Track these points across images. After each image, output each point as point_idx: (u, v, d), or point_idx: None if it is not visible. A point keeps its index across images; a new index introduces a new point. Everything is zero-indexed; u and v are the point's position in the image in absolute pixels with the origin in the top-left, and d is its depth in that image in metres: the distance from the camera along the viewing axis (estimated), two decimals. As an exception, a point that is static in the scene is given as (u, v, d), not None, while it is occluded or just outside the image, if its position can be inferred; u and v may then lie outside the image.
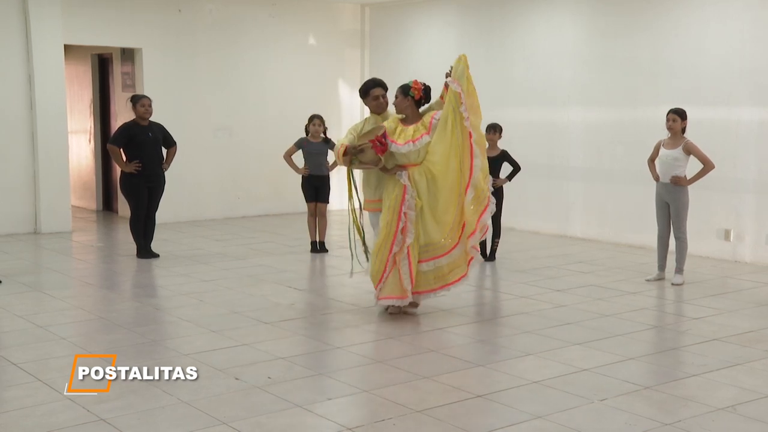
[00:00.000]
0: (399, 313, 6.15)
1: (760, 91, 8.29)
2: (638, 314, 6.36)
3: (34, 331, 5.77)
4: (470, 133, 5.80)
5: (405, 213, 5.86)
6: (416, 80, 6.01)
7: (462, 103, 5.75)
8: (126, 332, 5.78)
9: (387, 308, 6.19)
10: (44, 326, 5.89)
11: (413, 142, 5.86)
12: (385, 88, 6.30)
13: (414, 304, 6.17)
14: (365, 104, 6.39)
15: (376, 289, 6.05)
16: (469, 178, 5.83)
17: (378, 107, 6.27)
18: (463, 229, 5.90)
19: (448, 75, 5.91)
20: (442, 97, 6.00)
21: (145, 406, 4.34)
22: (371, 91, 6.27)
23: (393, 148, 5.89)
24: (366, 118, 6.36)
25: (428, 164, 5.88)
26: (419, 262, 5.95)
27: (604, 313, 6.35)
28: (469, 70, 5.82)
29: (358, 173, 6.46)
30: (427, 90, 6.02)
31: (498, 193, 7.97)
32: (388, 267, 5.93)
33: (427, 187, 5.88)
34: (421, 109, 6.09)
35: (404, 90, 5.99)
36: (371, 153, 5.89)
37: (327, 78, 12.41)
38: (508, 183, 8.27)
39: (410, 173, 5.89)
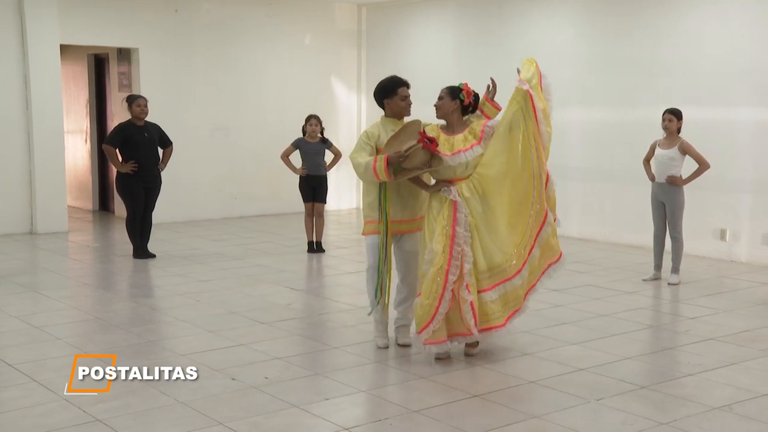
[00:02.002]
0: (447, 359, 5.20)
1: (758, 92, 8.31)
2: (635, 314, 6.38)
3: (30, 332, 5.77)
4: (541, 140, 5.08)
5: (462, 234, 5.04)
6: (467, 83, 5.23)
7: (534, 105, 5.00)
8: (123, 332, 5.78)
9: (436, 356, 5.19)
10: (40, 327, 5.89)
11: (464, 152, 5.05)
12: (409, 86, 5.44)
13: (474, 344, 5.27)
14: (385, 106, 5.38)
15: (420, 331, 5.07)
16: (544, 220, 5.12)
17: (407, 108, 5.37)
18: (528, 256, 5.11)
19: (490, 93, 5.35)
20: (481, 108, 5.33)
21: (142, 406, 4.34)
22: (399, 89, 5.32)
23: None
24: (378, 123, 5.41)
25: (479, 177, 5.08)
26: (479, 291, 5.07)
27: (600, 313, 6.36)
28: (539, 73, 5.17)
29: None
30: (476, 97, 5.25)
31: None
32: (443, 303, 4.99)
33: (480, 202, 5.07)
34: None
35: (453, 92, 5.18)
36: (421, 154, 5.01)
37: (324, 78, 12.42)
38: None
39: (459, 189, 5.10)
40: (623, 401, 4.45)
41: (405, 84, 5.37)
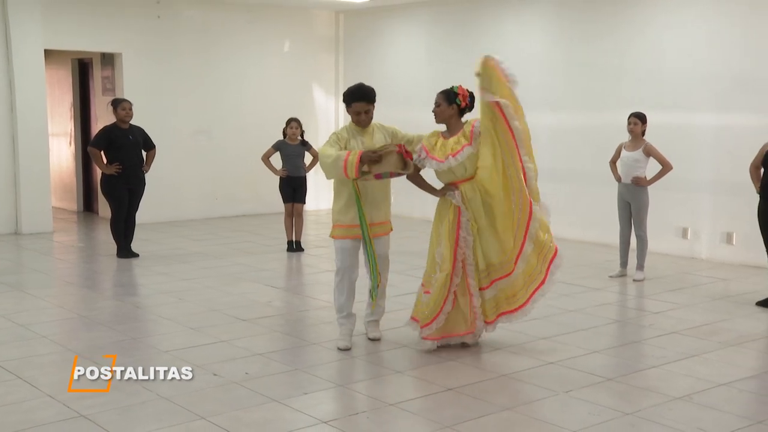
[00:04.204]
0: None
1: (716, 97, 8.54)
2: (602, 309, 6.55)
3: (15, 330, 5.82)
4: (518, 151, 5.10)
5: (464, 239, 5.16)
6: (461, 86, 5.21)
7: (502, 113, 5.03)
8: (106, 330, 5.84)
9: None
10: (25, 325, 5.94)
11: (453, 156, 5.07)
12: (371, 101, 5.27)
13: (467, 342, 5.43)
14: (348, 112, 5.38)
15: (423, 326, 5.26)
16: (530, 214, 5.14)
17: (359, 123, 5.27)
18: (521, 251, 5.18)
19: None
20: None
21: (126, 402, 4.39)
22: (353, 104, 5.23)
23: (434, 165, 5.15)
24: (346, 127, 5.37)
25: (480, 178, 5.12)
26: (481, 289, 5.27)
27: (569, 309, 6.52)
28: (497, 70, 5.09)
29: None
30: (472, 97, 5.21)
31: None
32: (447, 304, 5.20)
33: (482, 203, 5.12)
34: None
35: (448, 97, 5.16)
36: (394, 161, 5.02)
37: (303, 82, 12.54)
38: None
39: (463, 191, 5.16)
40: (590, 393, 4.59)
41: (364, 99, 5.22)
